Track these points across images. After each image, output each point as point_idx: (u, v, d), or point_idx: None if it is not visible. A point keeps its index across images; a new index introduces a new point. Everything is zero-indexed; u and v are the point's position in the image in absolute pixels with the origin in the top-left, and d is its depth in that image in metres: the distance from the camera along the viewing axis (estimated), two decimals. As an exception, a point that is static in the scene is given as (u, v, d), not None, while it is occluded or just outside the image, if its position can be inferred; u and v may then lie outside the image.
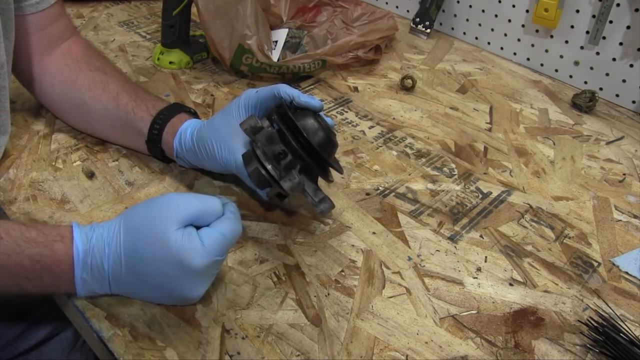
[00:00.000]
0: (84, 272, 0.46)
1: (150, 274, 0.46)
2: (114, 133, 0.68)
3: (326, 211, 0.55)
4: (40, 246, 0.45)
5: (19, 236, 0.45)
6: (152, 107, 0.64)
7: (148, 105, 0.64)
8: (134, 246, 0.46)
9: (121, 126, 0.65)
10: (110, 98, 0.65)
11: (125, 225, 0.47)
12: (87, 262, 0.46)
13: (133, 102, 0.64)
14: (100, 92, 0.65)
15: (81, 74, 0.67)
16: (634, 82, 0.87)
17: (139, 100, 0.65)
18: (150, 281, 0.47)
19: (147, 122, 0.63)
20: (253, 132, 0.54)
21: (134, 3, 1.14)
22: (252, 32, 0.83)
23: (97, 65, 0.68)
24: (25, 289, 0.46)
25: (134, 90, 0.66)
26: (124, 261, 0.46)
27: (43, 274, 0.46)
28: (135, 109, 0.64)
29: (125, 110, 0.64)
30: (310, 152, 0.53)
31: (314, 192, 0.55)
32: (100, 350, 0.49)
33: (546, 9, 0.90)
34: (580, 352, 0.50)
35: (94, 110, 0.66)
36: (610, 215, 0.66)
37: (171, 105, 0.64)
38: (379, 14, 0.99)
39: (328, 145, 0.54)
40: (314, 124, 0.54)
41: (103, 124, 0.67)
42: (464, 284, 0.56)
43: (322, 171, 0.55)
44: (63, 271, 0.46)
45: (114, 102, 0.65)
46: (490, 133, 0.80)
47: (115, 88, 0.66)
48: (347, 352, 0.48)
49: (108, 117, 0.66)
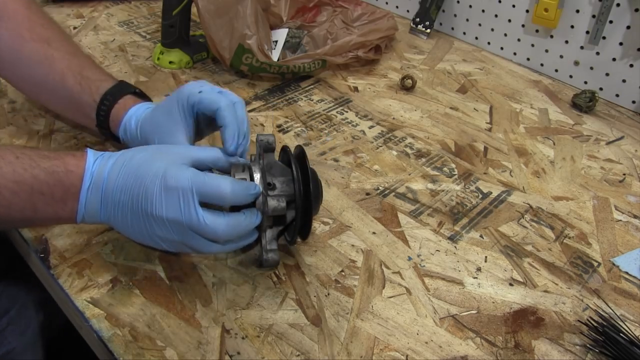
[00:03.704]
0: (90, 183, 0.48)
1: (135, 181, 0.47)
2: (67, 113, 0.67)
3: (270, 263, 0.53)
4: (54, 159, 0.48)
5: (34, 154, 0.48)
6: (96, 91, 0.61)
7: (92, 89, 0.61)
8: (133, 158, 0.48)
9: (72, 108, 0.64)
10: (56, 79, 0.62)
11: (136, 148, 0.50)
12: (93, 173, 0.48)
13: (78, 85, 0.61)
14: (47, 70, 0.62)
15: (25, 45, 0.63)
16: (634, 82, 0.87)
17: (84, 82, 0.62)
18: (132, 190, 0.47)
19: (92, 108, 0.61)
20: (265, 149, 0.54)
21: (134, 3, 1.14)
22: (252, 32, 0.83)
23: (41, 34, 0.63)
24: (37, 209, 0.48)
25: (79, 68, 0.63)
26: (120, 170, 0.48)
27: (55, 187, 0.47)
28: (81, 94, 0.61)
29: (72, 94, 0.62)
30: (305, 201, 0.51)
31: (271, 238, 0.53)
32: (100, 350, 0.49)
33: (546, 9, 0.90)
34: (580, 352, 0.50)
35: (43, 89, 0.64)
36: (610, 215, 0.66)
37: (115, 87, 0.62)
38: (379, 14, 0.99)
39: (317, 201, 0.54)
40: (318, 180, 0.54)
41: (54, 103, 0.66)
42: (464, 284, 0.56)
43: (303, 222, 0.53)
44: (72, 183, 0.48)
45: (60, 83, 0.62)
46: (490, 133, 0.80)
47: (60, 65, 0.62)
48: (347, 352, 0.48)
49: (57, 98, 0.63)
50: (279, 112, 0.81)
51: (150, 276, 0.54)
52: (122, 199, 0.47)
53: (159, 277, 0.54)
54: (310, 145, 0.75)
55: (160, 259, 0.56)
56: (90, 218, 0.50)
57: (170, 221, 0.46)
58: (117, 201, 0.48)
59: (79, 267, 0.54)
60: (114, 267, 0.55)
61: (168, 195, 0.46)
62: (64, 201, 0.48)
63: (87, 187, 0.48)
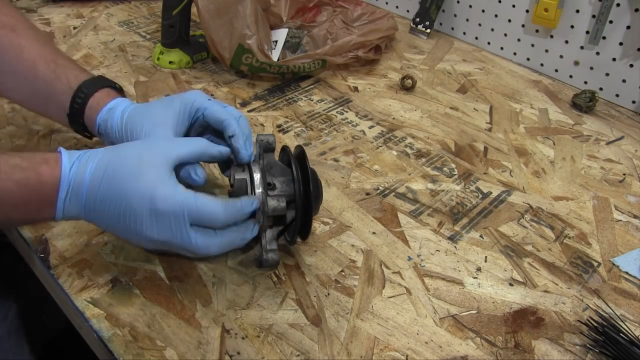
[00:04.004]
0: (67, 193, 0.46)
1: (119, 197, 0.45)
2: (33, 104, 0.64)
3: (270, 263, 0.53)
4: (27, 170, 0.45)
5: (6, 165, 0.45)
6: (74, 79, 0.59)
7: (69, 77, 0.59)
8: (115, 168, 0.46)
9: (41, 98, 0.61)
10: (26, 68, 0.59)
11: (115, 150, 0.48)
12: (71, 182, 0.46)
13: (52, 73, 0.59)
14: (14, 59, 0.59)
15: None
16: (634, 82, 0.87)
17: (59, 70, 0.59)
18: (117, 206, 0.46)
19: (68, 95, 0.58)
20: (265, 149, 0.54)
21: (134, 3, 1.14)
22: (252, 31, 0.83)
23: (4, 21, 0.60)
24: (11, 218, 0.46)
25: (52, 57, 0.60)
26: (102, 180, 0.46)
27: (30, 199, 0.45)
28: (55, 81, 0.59)
29: (45, 82, 0.59)
30: (305, 200, 0.51)
31: (271, 239, 0.53)
32: (100, 350, 0.49)
33: (546, 9, 0.90)
34: (580, 352, 0.50)
35: (9, 79, 0.60)
36: (610, 215, 0.66)
37: (95, 78, 0.60)
38: (379, 14, 0.99)
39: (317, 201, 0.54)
40: (318, 181, 0.54)
41: (20, 94, 0.62)
42: (464, 284, 0.56)
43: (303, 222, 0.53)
44: (48, 194, 0.46)
45: (31, 72, 0.59)
46: (490, 133, 0.80)
47: (30, 54, 0.59)
48: (347, 352, 0.48)
49: (26, 88, 0.61)
50: (279, 112, 0.81)
51: (150, 276, 0.54)
52: (108, 211, 0.46)
53: (159, 277, 0.54)
54: (310, 145, 0.75)
55: (160, 259, 0.56)
56: (71, 219, 0.49)
57: (162, 241, 0.46)
58: (102, 211, 0.46)
59: (79, 267, 0.54)
60: (114, 267, 0.55)
61: (159, 219, 0.45)
62: (39, 210, 0.47)
63: (64, 197, 0.46)
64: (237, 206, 0.48)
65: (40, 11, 1.06)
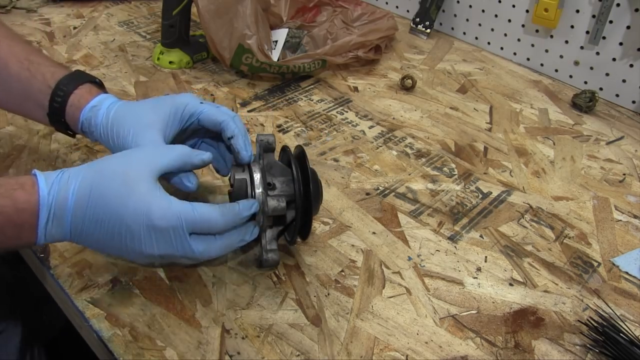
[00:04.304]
0: (48, 218, 0.44)
1: (111, 217, 0.44)
2: (9, 105, 0.61)
3: (270, 263, 0.53)
4: (1, 196, 0.43)
5: None
6: (51, 77, 0.57)
7: (45, 75, 0.57)
8: (101, 187, 0.44)
9: (17, 98, 0.59)
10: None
11: (96, 167, 0.46)
12: (51, 206, 0.43)
13: (27, 71, 0.57)
14: None
15: None
16: (634, 82, 0.87)
17: (34, 67, 0.57)
18: (110, 227, 0.44)
19: (46, 94, 0.56)
20: (265, 149, 0.54)
21: (134, 3, 1.14)
22: (252, 31, 0.83)
23: None
24: None
25: (25, 54, 0.58)
26: (88, 201, 0.44)
27: (5, 226, 0.43)
28: (30, 79, 0.57)
29: (19, 80, 0.57)
30: (305, 200, 0.51)
31: (271, 239, 0.53)
32: (100, 350, 0.49)
33: (546, 9, 0.90)
34: (580, 352, 0.50)
35: None
36: (610, 215, 0.66)
37: (72, 74, 0.58)
38: (379, 14, 0.99)
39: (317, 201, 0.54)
40: (318, 181, 0.54)
41: None
42: (464, 284, 0.56)
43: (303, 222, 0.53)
44: (26, 220, 0.43)
45: (4, 71, 0.57)
46: (490, 133, 0.80)
47: (1, 53, 0.57)
48: (347, 352, 0.48)
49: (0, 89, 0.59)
50: (279, 112, 0.81)
51: (150, 276, 0.54)
52: (99, 232, 0.45)
53: (159, 277, 0.54)
54: (310, 145, 0.75)
55: (160, 259, 0.56)
56: (54, 242, 0.47)
57: (161, 255, 0.46)
58: (91, 233, 0.45)
59: (79, 267, 0.54)
60: (114, 267, 0.54)
61: (158, 235, 0.44)
62: (17, 237, 0.44)
63: (45, 222, 0.44)
64: (234, 210, 0.47)
65: (40, 11, 1.06)
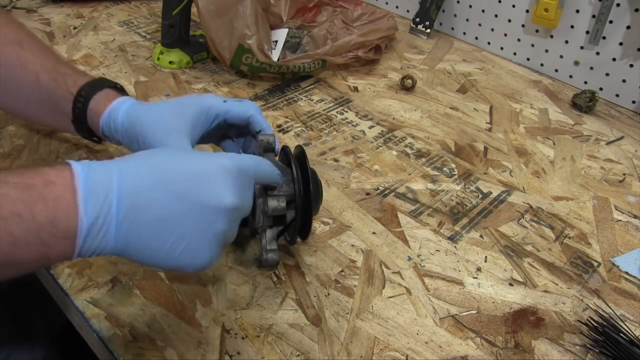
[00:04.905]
0: (87, 190, 0.37)
1: (178, 174, 0.39)
2: (41, 115, 0.63)
3: (269, 263, 0.51)
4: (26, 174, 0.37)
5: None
6: (73, 84, 0.58)
7: (68, 83, 0.59)
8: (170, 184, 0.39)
9: (46, 108, 0.61)
10: (30, 79, 0.59)
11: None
12: (90, 178, 0.38)
13: (53, 82, 0.59)
14: (19, 72, 0.59)
15: None
16: (634, 82, 0.87)
17: (60, 78, 0.59)
18: (178, 186, 0.39)
19: (69, 101, 0.58)
20: (265, 149, 0.54)
21: (134, 3, 1.14)
22: (252, 31, 0.83)
23: (12, 38, 0.61)
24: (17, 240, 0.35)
25: (54, 66, 0.60)
26: (143, 171, 0.39)
27: (35, 204, 0.36)
28: (56, 89, 0.59)
29: (47, 91, 0.59)
30: (304, 200, 0.51)
31: (270, 239, 0.52)
32: (100, 350, 0.49)
33: (546, 9, 0.90)
34: (580, 352, 0.50)
35: (16, 93, 0.61)
36: (610, 215, 0.66)
37: (93, 81, 0.59)
38: (379, 14, 0.99)
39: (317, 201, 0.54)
40: (318, 181, 0.54)
41: (28, 107, 0.62)
42: (464, 284, 0.56)
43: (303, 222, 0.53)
44: (59, 194, 0.37)
45: (34, 83, 0.59)
46: (490, 133, 0.80)
47: (34, 66, 0.59)
48: (347, 352, 0.48)
49: (32, 100, 0.61)
50: (279, 112, 0.81)
51: (150, 276, 0.54)
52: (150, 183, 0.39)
53: (159, 277, 0.54)
54: (310, 145, 0.75)
55: (160, 259, 0.56)
56: (96, 220, 0.38)
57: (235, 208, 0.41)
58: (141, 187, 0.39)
59: (79, 267, 0.54)
60: (114, 267, 0.55)
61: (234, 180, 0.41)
62: (53, 220, 0.37)
63: (83, 194, 0.37)
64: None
65: (40, 11, 1.06)
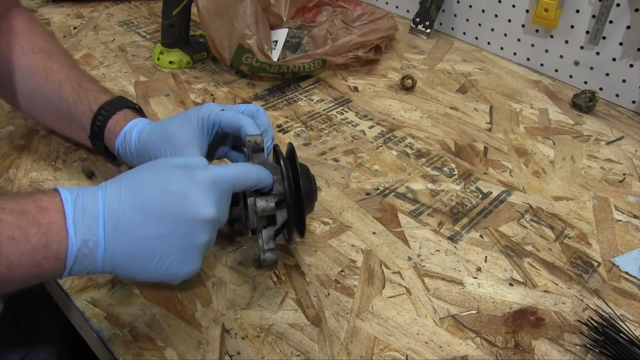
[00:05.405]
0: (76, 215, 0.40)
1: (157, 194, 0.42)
2: (59, 125, 0.65)
3: (268, 262, 0.51)
4: (20, 200, 0.40)
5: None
6: (94, 101, 0.60)
7: (90, 99, 0.60)
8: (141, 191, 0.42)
9: (65, 119, 0.62)
10: (53, 89, 0.61)
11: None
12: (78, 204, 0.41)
13: (75, 95, 0.60)
14: (44, 81, 0.61)
15: (23, 57, 0.61)
16: (634, 82, 0.87)
17: (82, 92, 0.60)
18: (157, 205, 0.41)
19: (88, 117, 0.59)
20: (253, 149, 0.53)
21: (134, 3, 1.14)
22: (252, 31, 0.83)
23: (42, 47, 0.62)
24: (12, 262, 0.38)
25: (77, 80, 0.62)
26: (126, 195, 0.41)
27: (29, 228, 0.39)
28: (77, 103, 0.60)
29: (68, 104, 0.60)
30: (295, 198, 0.51)
31: (267, 238, 0.52)
32: (100, 350, 0.49)
33: (546, 9, 0.90)
34: (580, 352, 0.50)
35: (38, 100, 0.62)
36: (610, 215, 0.66)
37: (114, 100, 0.60)
38: (379, 14, 0.99)
39: (311, 199, 0.53)
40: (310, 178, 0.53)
41: (48, 115, 0.64)
42: (464, 284, 0.56)
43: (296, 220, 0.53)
44: (51, 219, 0.40)
45: (57, 93, 0.60)
46: (490, 133, 0.80)
47: (59, 77, 0.61)
48: (347, 352, 0.48)
49: (52, 109, 0.62)
50: (279, 112, 0.81)
51: (150, 276, 0.54)
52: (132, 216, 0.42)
53: (159, 277, 0.54)
54: (310, 145, 0.75)
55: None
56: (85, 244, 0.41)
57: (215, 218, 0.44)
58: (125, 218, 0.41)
59: (79, 267, 0.54)
60: (114, 267, 0.54)
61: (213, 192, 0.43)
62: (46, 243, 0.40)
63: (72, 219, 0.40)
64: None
65: (40, 11, 1.06)
